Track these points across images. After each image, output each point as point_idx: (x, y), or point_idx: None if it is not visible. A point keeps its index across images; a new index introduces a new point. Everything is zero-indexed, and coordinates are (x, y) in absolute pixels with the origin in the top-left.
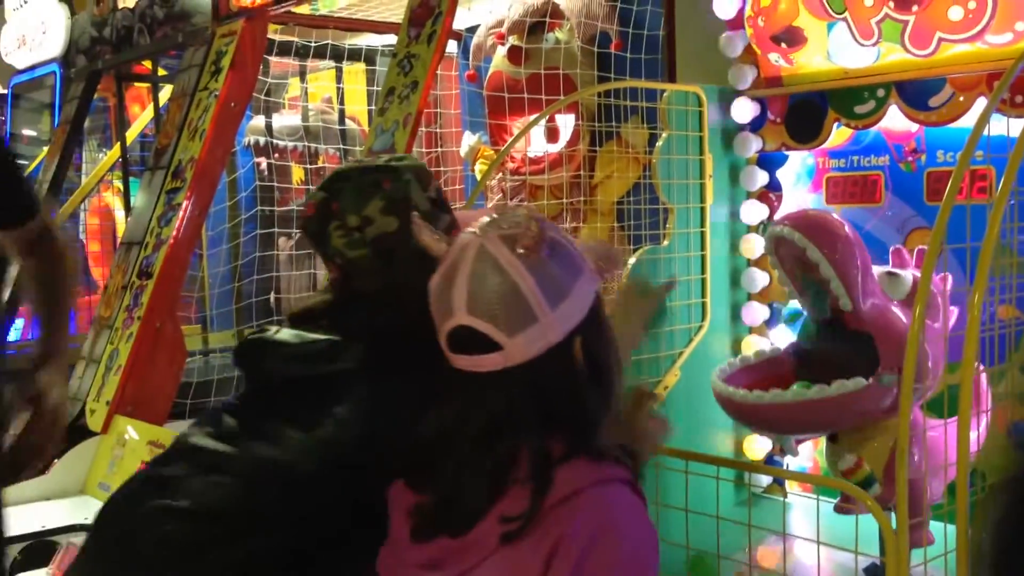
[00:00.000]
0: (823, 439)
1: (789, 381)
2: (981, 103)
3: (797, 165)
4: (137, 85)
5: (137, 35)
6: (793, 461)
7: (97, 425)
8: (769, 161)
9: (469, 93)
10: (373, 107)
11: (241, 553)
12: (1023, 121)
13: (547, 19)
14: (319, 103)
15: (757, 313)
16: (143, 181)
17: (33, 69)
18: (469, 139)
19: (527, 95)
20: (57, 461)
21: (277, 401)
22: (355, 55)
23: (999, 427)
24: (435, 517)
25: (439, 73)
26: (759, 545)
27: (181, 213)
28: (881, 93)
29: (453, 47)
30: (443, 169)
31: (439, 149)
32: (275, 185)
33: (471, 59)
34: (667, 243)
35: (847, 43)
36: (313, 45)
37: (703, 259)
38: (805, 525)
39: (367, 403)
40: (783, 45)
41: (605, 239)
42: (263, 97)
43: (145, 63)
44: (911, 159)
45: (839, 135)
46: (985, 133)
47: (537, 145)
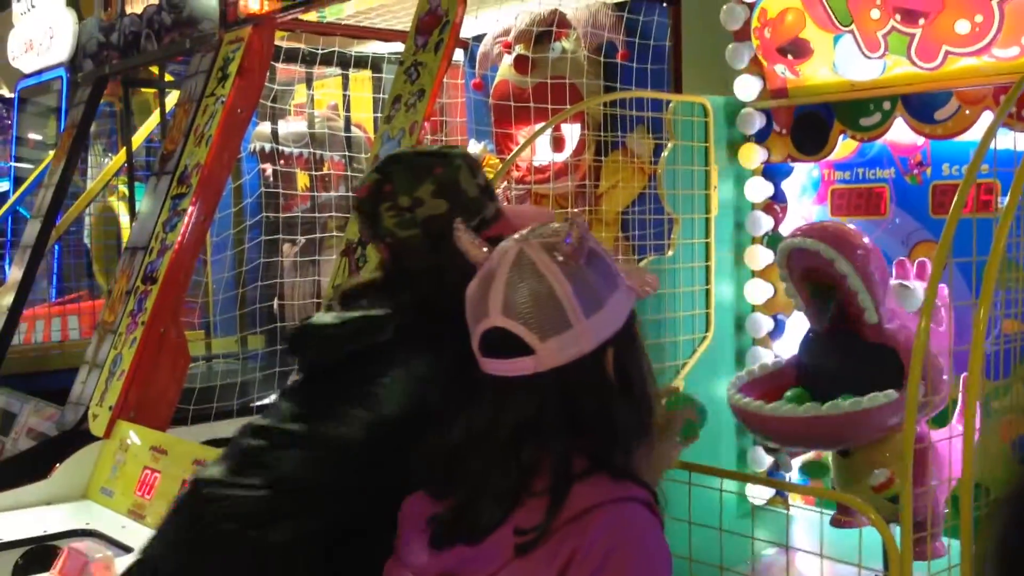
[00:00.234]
0: (828, 453)
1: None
2: (987, 117)
3: (802, 177)
4: (143, 90)
5: (144, 41)
6: (794, 474)
7: (99, 430)
8: (774, 173)
9: (475, 102)
10: (379, 114)
11: (314, 524)
12: None
13: (554, 28)
14: (325, 110)
15: (761, 324)
16: (148, 186)
17: (40, 73)
18: (475, 147)
19: (533, 104)
20: (59, 465)
21: (329, 380)
22: (361, 62)
23: (1003, 441)
24: (454, 524)
25: (445, 81)
26: (761, 557)
27: (186, 218)
28: (887, 106)
29: (459, 56)
30: None
31: None
32: (280, 191)
33: (477, 68)
34: (671, 253)
35: (853, 55)
36: (320, 52)
37: (707, 270)
38: (807, 538)
39: (407, 373)
40: (789, 57)
41: (609, 249)
42: (269, 104)
43: (152, 68)
44: (916, 172)
45: (844, 147)
46: (992, 147)
47: (542, 154)
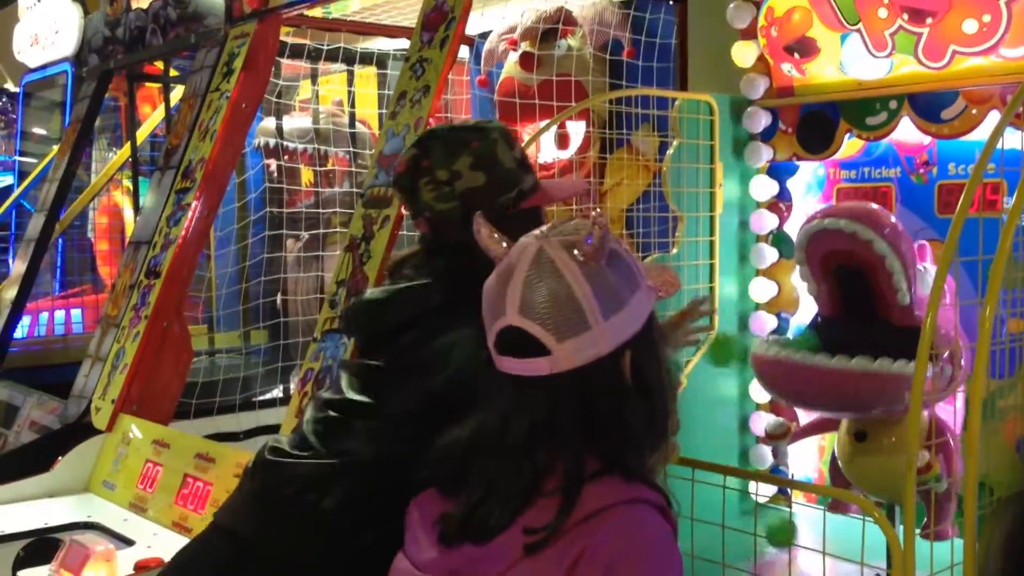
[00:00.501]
0: (829, 449)
1: None
2: (994, 116)
3: (808, 176)
4: (148, 85)
5: (150, 35)
6: (798, 472)
7: (102, 423)
8: (780, 171)
9: (480, 98)
10: (384, 111)
11: (362, 491)
12: None
13: (560, 26)
14: (330, 106)
15: (765, 323)
16: (153, 181)
17: (45, 68)
18: None
19: (538, 101)
20: (61, 458)
21: (383, 351)
22: (367, 59)
23: (1007, 441)
24: (463, 522)
25: (451, 78)
26: (764, 555)
27: (190, 213)
28: (893, 105)
29: (465, 52)
30: None
31: None
32: (284, 187)
33: (483, 64)
34: (676, 251)
35: (860, 54)
36: (325, 48)
37: (712, 268)
38: (810, 535)
39: (459, 338)
40: (796, 55)
41: None
42: (274, 99)
43: (157, 63)
44: (923, 171)
45: (850, 146)
46: (998, 146)
47: (547, 151)
